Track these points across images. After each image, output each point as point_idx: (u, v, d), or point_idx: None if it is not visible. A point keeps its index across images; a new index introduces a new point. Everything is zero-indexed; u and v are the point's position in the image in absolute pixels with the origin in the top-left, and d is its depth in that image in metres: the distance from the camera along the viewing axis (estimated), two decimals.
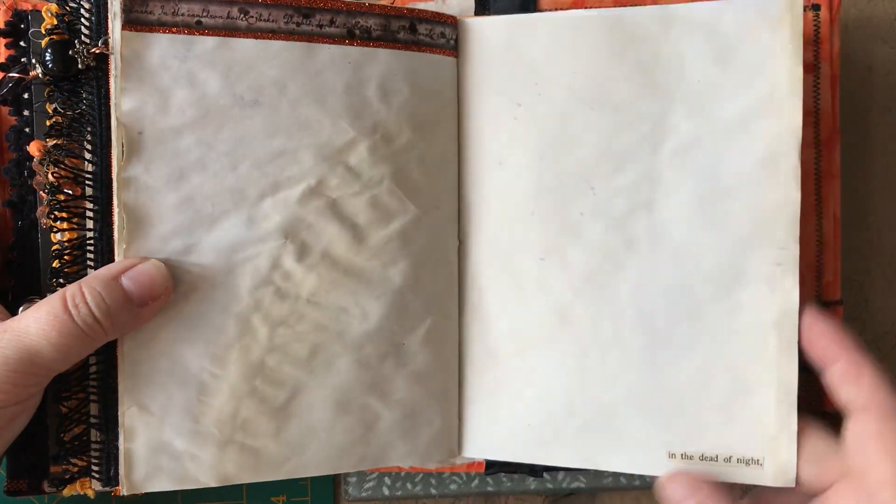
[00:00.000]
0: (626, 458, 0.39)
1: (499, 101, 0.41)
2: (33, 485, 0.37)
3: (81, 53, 0.36)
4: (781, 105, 0.37)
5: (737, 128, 0.38)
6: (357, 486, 0.45)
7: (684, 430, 0.38)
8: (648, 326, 0.39)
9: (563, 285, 0.40)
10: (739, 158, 0.38)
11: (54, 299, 0.34)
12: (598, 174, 0.39)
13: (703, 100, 0.38)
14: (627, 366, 0.39)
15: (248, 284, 0.37)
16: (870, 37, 0.47)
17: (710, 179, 0.38)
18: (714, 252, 0.38)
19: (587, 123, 0.39)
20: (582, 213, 0.39)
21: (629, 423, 0.39)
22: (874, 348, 0.47)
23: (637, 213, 0.39)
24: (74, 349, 0.34)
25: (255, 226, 0.37)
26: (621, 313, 0.39)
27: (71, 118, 0.36)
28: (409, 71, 0.39)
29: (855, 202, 0.47)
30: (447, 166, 0.41)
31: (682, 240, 0.38)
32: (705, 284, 0.38)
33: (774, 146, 0.37)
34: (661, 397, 0.39)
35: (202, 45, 0.36)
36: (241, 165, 0.37)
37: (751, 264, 0.38)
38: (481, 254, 0.41)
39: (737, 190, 0.38)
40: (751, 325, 0.38)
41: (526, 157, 0.40)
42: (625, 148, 0.39)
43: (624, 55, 0.39)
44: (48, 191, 0.36)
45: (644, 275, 0.39)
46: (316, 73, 0.38)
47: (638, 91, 0.39)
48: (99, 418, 0.37)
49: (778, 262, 0.37)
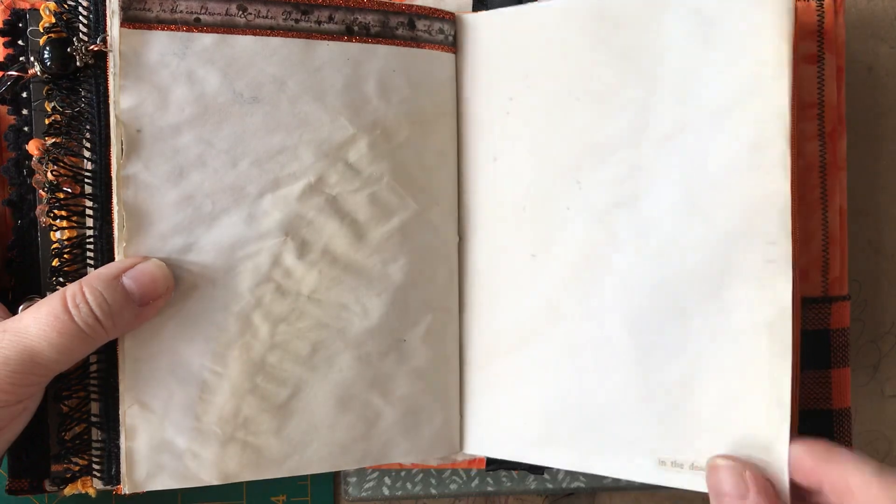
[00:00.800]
0: (617, 462, 0.38)
1: (493, 95, 0.40)
2: (35, 484, 0.37)
3: (80, 51, 0.36)
4: (768, 86, 0.34)
5: (722, 113, 0.35)
6: (357, 485, 0.45)
7: (675, 437, 0.36)
8: (636, 326, 0.37)
9: (554, 282, 0.39)
10: (725, 146, 0.35)
11: (54, 299, 0.34)
12: (583, 167, 0.38)
13: (688, 84, 0.36)
14: (617, 367, 0.38)
15: (249, 282, 0.37)
16: (870, 37, 0.47)
17: (695, 170, 0.36)
18: (701, 248, 0.36)
19: (573, 115, 0.39)
20: (568, 208, 0.39)
21: (620, 426, 0.38)
22: (874, 348, 0.47)
23: (621, 207, 0.38)
24: (75, 349, 0.34)
25: (255, 223, 0.37)
26: (608, 313, 0.38)
27: (70, 116, 0.36)
28: (408, 67, 0.39)
29: (855, 202, 0.46)
30: (446, 162, 0.41)
31: (667, 235, 0.37)
32: (693, 283, 0.36)
33: (761, 132, 0.34)
34: (650, 401, 0.37)
35: (201, 43, 0.36)
36: (240, 162, 0.37)
37: (740, 261, 0.35)
38: (480, 250, 0.41)
39: (724, 181, 0.35)
40: (741, 327, 0.35)
41: (517, 151, 0.40)
42: (609, 139, 0.38)
43: (610, 42, 0.38)
44: (47, 189, 0.36)
45: (629, 273, 0.37)
46: (315, 69, 0.37)
47: (622, 78, 0.38)
48: (100, 417, 0.37)
49: (769, 259, 0.34)
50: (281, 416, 0.38)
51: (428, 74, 0.40)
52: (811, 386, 0.41)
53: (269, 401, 0.38)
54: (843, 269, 0.41)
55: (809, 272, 0.41)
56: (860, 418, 0.47)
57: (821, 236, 0.41)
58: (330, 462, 0.39)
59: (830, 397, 0.41)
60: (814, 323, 0.41)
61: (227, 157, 0.37)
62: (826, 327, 0.41)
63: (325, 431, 0.38)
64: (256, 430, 0.37)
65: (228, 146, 0.37)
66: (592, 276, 0.38)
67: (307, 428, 0.38)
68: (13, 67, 0.37)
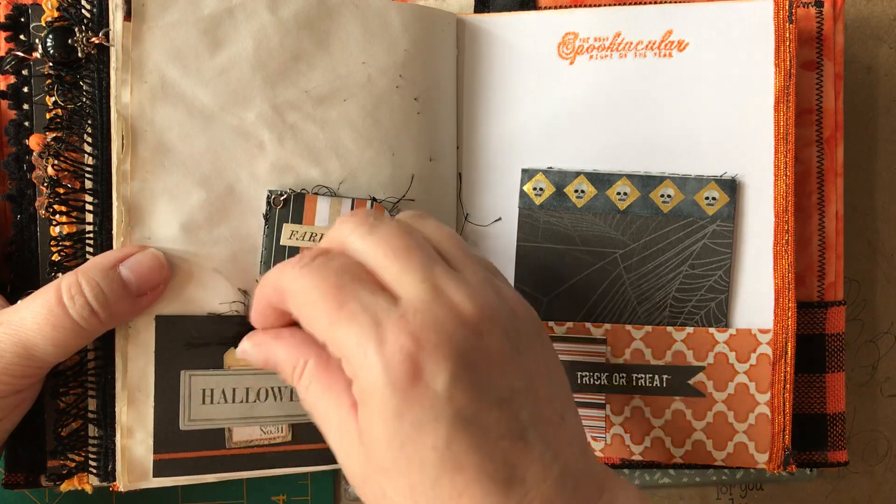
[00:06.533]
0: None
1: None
2: (31, 479, 0.37)
3: (81, 42, 0.35)
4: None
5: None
6: None
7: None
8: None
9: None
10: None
11: (49, 291, 0.33)
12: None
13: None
14: None
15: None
16: (870, 37, 0.47)
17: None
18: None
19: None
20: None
21: None
22: (873, 348, 0.47)
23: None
24: (71, 342, 0.34)
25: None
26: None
27: (71, 111, 0.36)
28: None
29: (853, 202, 0.47)
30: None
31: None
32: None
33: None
34: None
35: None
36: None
37: None
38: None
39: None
40: None
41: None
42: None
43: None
44: (47, 185, 0.36)
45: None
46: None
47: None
48: (97, 414, 0.37)
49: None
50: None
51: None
52: (805, 390, 0.41)
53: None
54: (839, 275, 0.42)
55: (805, 277, 0.41)
56: (858, 418, 0.47)
57: (817, 241, 0.41)
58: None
59: (825, 402, 0.41)
60: (809, 328, 0.41)
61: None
62: (821, 332, 0.41)
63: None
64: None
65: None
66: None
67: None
68: (19, 49, 0.36)
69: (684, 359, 0.40)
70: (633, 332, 0.40)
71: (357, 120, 0.38)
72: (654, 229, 0.40)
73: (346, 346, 0.28)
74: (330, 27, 0.38)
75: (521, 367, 0.29)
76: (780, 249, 0.40)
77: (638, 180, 0.40)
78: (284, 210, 0.37)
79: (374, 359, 0.27)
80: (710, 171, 0.40)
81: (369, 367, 0.27)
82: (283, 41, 0.37)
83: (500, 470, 0.27)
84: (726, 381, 0.40)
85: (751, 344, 0.40)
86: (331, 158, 0.38)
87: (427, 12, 0.40)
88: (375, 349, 0.27)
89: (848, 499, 0.47)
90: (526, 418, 0.28)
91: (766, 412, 0.40)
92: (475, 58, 0.41)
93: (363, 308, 0.28)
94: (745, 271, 0.40)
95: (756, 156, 0.40)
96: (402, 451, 0.27)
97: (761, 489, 0.46)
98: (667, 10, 0.40)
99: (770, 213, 0.40)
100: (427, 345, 0.27)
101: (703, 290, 0.40)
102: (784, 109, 0.39)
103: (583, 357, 0.41)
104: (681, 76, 0.40)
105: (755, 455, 0.40)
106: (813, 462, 0.41)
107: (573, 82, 0.41)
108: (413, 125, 0.40)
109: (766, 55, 0.40)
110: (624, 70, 0.41)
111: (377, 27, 0.39)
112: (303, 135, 0.37)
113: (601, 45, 0.41)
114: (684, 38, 0.40)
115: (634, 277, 0.41)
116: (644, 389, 0.40)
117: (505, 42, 0.41)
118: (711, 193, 0.40)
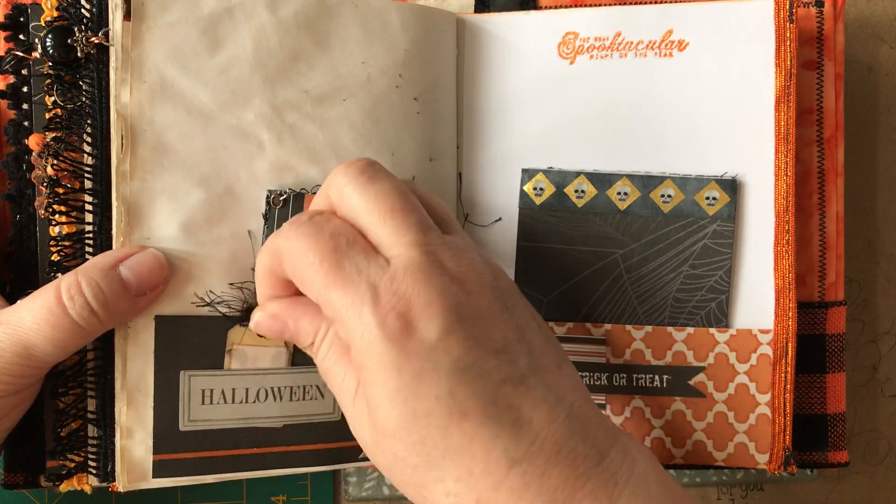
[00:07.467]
0: None
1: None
2: (30, 479, 0.37)
3: (80, 42, 0.35)
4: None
5: None
6: (357, 485, 0.45)
7: None
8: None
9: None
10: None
11: (48, 291, 0.33)
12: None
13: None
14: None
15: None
16: (870, 36, 0.47)
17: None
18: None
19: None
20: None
21: None
22: (874, 348, 0.47)
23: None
24: (71, 342, 0.34)
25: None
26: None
27: (71, 111, 0.36)
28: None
29: (854, 202, 0.47)
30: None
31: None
32: None
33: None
34: None
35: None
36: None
37: None
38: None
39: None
40: None
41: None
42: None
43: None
44: (47, 184, 0.36)
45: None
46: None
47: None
48: (96, 414, 0.36)
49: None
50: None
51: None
52: (806, 390, 0.41)
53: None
54: (840, 275, 0.42)
55: (806, 277, 0.41)
56: (859, 418, 0.47)
57: (818, 241, 0.41)
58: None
59: (825, 402, 0.41)
60: (809, 328, 0.41)
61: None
62: (822, 332, 0.41)
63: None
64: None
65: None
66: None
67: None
68: (17, 49, 0.36)
69: (685, 359, 0.40)
70: (634, 333, 0.40)
71: (356, 120, 0.38)
72: (655, 229, 0.40)
73: (341, 308, 0.29)
74: (329, 27, 0.38)
75: (512, 321, 0.30)
76: (780, 249, 0.40)
77: (638, 180, 0.40)
78: (284, 210, 0.37)
79: (369, 318, 0.28)
80: (710, 170, 0.40)
81: (364, 326, 0.28)
82: (283, 41, 0.37)
83: (504, 413, 0.28)
84: (727, 381, 0.40)
85: (751, 344, 0.40)
86: (330, 158, 0.38)
87: (427, 12, 0.40)
88: (370, 310, 0.28)
89: (848, 499, 0.47)
90: (524, 366, 0.29)
91: (766, 412, 0.40)
92: (475, 58, 0.42)
93: (358, 271, 0.29)
94: (745, 271, 0.40)
95: (757, 156, 0.40)
96: (406, 406, 0.28)
97: (762, 490, 0.46)
98: (667, 10, 0.40)
99: (771, 213, 0.40)
100: (419, 301, 0.28)
101: (704, 291, 0.40)
102: (785, 109, 0.39)
103: (583, 357, 0.41)
104: (681, 76, 0.40)
105: (756, 455, 0.40)
106: (813, 462, 0.41)
107: (573, 82, 0.41)
108: (413, 125, 0.40)
109: (767, 55, 0.40)
110: (624, 70, 0.41)
111: (377, 27, 0.39)
112: (302, 135, 0.37)
113: (601, 45, 0.41)
114: (685, 38, 0.40)
115: (635, 277, 0.41)
116: (644, 390, 0.40)
117: (505, 42, 0.41)
118: (712, 193, 0.40)
